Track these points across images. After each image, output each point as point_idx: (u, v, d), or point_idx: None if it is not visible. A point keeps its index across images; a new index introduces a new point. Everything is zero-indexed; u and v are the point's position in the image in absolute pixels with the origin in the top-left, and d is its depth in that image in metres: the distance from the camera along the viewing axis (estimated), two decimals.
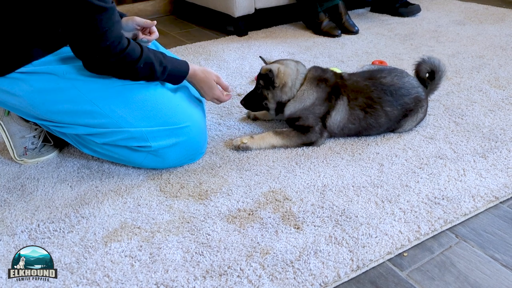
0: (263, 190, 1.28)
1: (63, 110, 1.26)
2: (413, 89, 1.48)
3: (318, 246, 1.07)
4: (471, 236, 1.12)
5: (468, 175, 1.31)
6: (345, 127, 1.48)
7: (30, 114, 1.29)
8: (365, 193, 1.25)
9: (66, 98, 1.24)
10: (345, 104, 1.46)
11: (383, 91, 1.46)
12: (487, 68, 2.03)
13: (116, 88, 1.26)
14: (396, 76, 1.49)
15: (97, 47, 1.14)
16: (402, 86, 1.47)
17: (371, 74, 1.51)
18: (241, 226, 1.15)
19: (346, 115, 1.46)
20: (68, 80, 1.23)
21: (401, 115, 1.48)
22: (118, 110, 1.26)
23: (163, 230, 1.14)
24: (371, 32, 2.62)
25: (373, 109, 1.46)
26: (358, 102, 1.46)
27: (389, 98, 1.45)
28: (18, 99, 1.24)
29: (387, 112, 1.46)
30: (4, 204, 1.26)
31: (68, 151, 1.51)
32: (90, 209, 1.23)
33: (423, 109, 1.52)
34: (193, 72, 1.40)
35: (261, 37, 2.65)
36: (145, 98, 1.29)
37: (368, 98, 1.46)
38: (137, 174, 1.37)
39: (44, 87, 1.22)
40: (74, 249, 1.09)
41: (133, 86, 1.28)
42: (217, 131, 1.61)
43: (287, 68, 1.49)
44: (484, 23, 2.68)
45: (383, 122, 1.48)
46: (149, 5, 3.31)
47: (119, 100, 1.26)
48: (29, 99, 1.24)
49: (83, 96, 1.24)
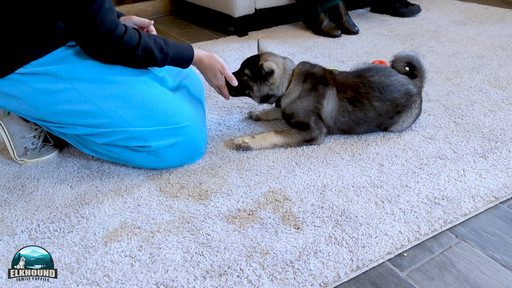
0: (263, 190, 1.28)
1: (62, 111, 1.26)
2: (402, 86, 1.49)
3: (318, 246, 1.07)
4: (471, 236, 1.12)
5: (468, 175, 1.31)
6: (337, 120, 1.50)
7: (30, 115, 1.29)
8: (365, 193, 1.25)
9: (65, 98, 1.24)
10: (334, 94, 1.48)
11: (370, 88, 1.47)
12: (487, 68, 2.03)
13: (116, 88, 1.26)
14: (383, 75, 1.50)
15: (95, 36, 1.16)
16: (390, 84, 1.48)
17: (360, 73, 1.53)
18: (241, 226, 1.15)
19: (336, 106, 1.48)
20: (67, 81, 1.23)
21: (393, 110, 1.48)
22: (117, 110, 1.26)
23: (163, 230, 1.14)
24: (371, 32, 2.62)
25: (361, 104, 1.47)
26: (346, 95, 1.48)
27: (377, 94, 1.47)
28: (18, 100, 1.25)
29: (375, 107, 1.47)
30: (5, 204, 1.26)
31: (68, 151, 1.51)
32: (90, 209, 1.23)
33: (416, 104, 1.52)
34: (198, 58, 1.40)
35: (261, 37, 2.65)
36: (145, 98, 1.28)
37: (356, 93, 1.48)
38: (137, 174, 1.37)
39: (43, 88, 1.22)
40: (74, 249, 1.09)
41: (132, 86, 1.28)
42: (217, 131, 1.61)
43: (278, 69, 1.49)
44: (484, 23, 2.68)
45: (372, 117, 1.49)
46: (149, 5, 3.31)
47: (118, 100, 1.26)
48: (29, 100, 1.24)
49: (82, 96, 1.24)
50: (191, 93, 1.49)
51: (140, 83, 1.29)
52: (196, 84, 1.59)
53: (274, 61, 1.49)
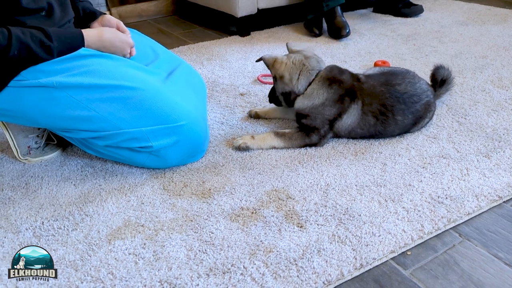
0: (266, 189, 1.28)
1: (61, 118, 1.25)
2: (423, 94, 1.48)
3: (321, 244, 1.07)
4: (474, 235, 1.12)
5: (471, 175, 1.31)
6: (353, 131, 1.48)
7: (30, 124, 1.29)
8: (368, 192, 1.25)
9: (62, 106, 1.23)
10: (359, 108, 1.44)
11: (397, 99, 1.44)
12: (490, 69, 2.03)
13: (112, 91, 1.24)
14: (409, 82, 1.48)
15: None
16: (415, 93, 1.46)
17: (387, 79, 1.49)
18: (244, 225, 1.15)
19: (357, 120, 1.45)
20: (62, 89, 1.21)
21: (411, 124, 1.49)
22: (116, 113, 1.25)
23: (166, 228, 1.15)
24: (374, 33, 2.63)
25: (385, 117, 1.45)
26: (372, 108, 1.44)
27: (401, 106, 1.45)
28: (15, 113, 1.25)
29: (398, 121, 1.46)
30: (9, 202, 1.27)
31: (72, 150, 1.52)
32: (93, 207, 1.23)
33: (431, 113, 1.53)
34: (97, 38, 1.29)
35: (264, 37, 2.65)
36: (142, 98, 1.26)
37: (382, 105, 1.44)
38: (140, 173, 1.38)
39: (39, 98, 1.21)
40: (78, 247, 1.09)
41: (128, 87, 1.25)
42: (219, 130, 1.62)
43: (288, 61, 1.49)
44: (487, 23, 2.68)
45: (391, 130, 1.48)
46: (151, 5, 3.31)
47: (116, 102, 1.25)
48: (26, 112, 1.24)
49: (79, 103, 1.22)
50: (190, 91, 1.46)
51: (135, 83, 1.27)
52: (192, 77, 1.57)
53: (282, 57, 1.50)
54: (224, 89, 1.97)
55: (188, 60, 2.26)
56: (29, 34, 1.14)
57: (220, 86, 2.00)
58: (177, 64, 1.55)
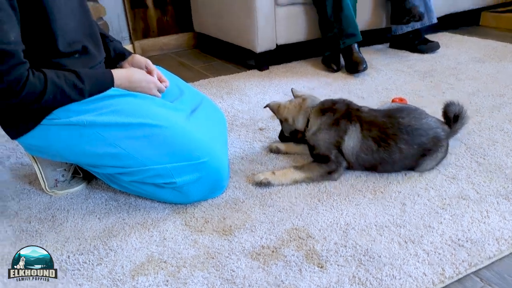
0: (286, 227, 1.30)
1: (89, 154, 1.31)
2: (430, 130, 1.50)
3: (342, 286, 1.08)
4: (495, 280, 1.11)
5: (491, 217, 1.31)
6: (359, 156, 1.51)
7: (59, 159, 1.35)
8: (388, 233, 1.26)
9: (91, 144, 1.28)
10: (358, 131, 1.50)
11: (399, 130, 1.48)
12: (508, 107, 2.04)
13: (138, 129, 1.29)
14: (414, 117, 1.51)
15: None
16: (420, 127, 1.49)
17: (390, 113, 1.55)
18: (265, 264, 1.16)
19: (358, 143, 1.50)
20: (90, 127, 1.27)
21: (419, 154, 1.50)
22: (142, 150, 1.30)
23: (188, 265, 1.17)
24: (390, 68, 2.66)
25: (386, 144, 1.49)
26: (371, 133, 1.49)
27: (404, 136, 1.48)
28: (45, 148, 1.32)
29: (402, 149, 1.48)
30: (36, 234, 1.31)
31: (96, 183, 1.56)
32: (117, 242, 1.26)
33: (443, 149, 1.54)
34: (126, 79, 1.36)
35: (282, 71, 2.71)
36: (167, 135, 1.31)
37: (382, 132, 1.49)
38: (162, 208, 1.41)
39: (69, 135, 1.28)
40: (103, 282, 1.12)
41: (154, 125, 1.30)
42: (240, 165, 1.65)
43: (289, 105, 1.66)
44: (503, 60, 2.70)
45: (397, 159, 1.50)
46: (173, 39, 3.43)
47: (142, 140, 1.30)
48: (56, 148, 1.31)
49: (107, 140, 1.28)
50: (212, 128, 1.51)
51: (160, 121, 1.31)
52: (214, 113, 1.63)
53: (285, 102, 1.68)
54: (243, 123, 2.01)
55: (209, 94, 2.32)
56: (63, 77, 1.21)
57: (239, 120, 2.05)
58: (200, 100, 1.60)
